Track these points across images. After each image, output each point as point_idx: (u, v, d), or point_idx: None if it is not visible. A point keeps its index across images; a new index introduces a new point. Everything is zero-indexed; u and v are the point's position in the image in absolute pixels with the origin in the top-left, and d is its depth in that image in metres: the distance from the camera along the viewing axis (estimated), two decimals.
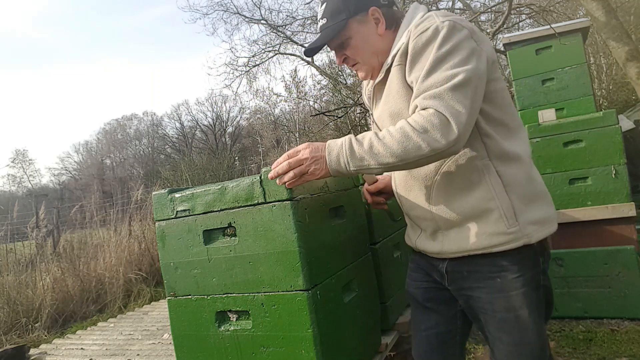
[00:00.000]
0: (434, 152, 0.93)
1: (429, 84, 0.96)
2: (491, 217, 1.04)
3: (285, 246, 1.21)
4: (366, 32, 1.14)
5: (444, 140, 0.91)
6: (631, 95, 8.32)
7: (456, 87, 0.93)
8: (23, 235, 6.01)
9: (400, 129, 0.96)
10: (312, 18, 9.99)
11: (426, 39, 1.00)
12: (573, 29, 3.32)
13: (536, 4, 6.47)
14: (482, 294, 1.08)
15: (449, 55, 0.97)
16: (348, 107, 8.65)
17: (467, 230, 1.08)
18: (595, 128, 2.72)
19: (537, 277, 1.06)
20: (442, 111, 0.92)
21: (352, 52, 1.17)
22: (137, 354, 2.41)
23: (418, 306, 1.29)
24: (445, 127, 0.91)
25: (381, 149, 0.97)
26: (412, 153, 0.94)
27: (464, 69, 0.94)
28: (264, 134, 28.40)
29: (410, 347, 1.96)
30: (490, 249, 1.05)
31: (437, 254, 1.17)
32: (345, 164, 1.01)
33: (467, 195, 1.06)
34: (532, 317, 1.04)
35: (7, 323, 3.87)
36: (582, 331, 2.55)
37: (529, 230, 1.03)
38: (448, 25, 0.99)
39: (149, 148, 36.87)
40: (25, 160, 34.25)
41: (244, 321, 1.30)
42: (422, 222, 1.18)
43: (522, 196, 1.05)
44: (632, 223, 2.70)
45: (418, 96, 0.98)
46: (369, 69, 1.19)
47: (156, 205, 1.43)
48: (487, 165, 1.05)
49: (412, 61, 1.02)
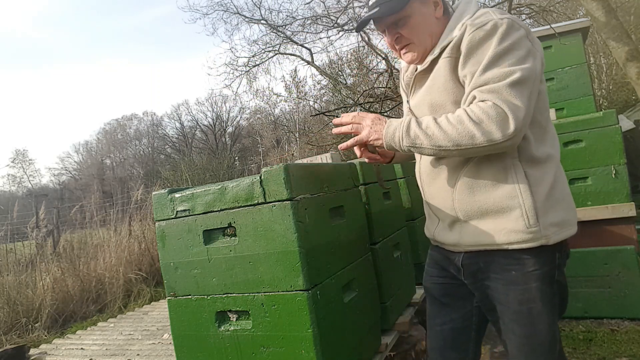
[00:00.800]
0: (490, 144, 0.95)
1: (486, 78, 0.97)
2: (512, 214, 1.05)
3: (285, 246, 1.21)
4: (426, 13, 1.14)
5: (499, 133, 0.93)
6: (631, 95, 8.32)
7: (514, 84, 0.95)
8: (23, 235, 6.01)
9: (458, 116, 0.98)
10: (312, 18, 9.99)
11: (484, 34, 1.00)
12: (573, 29, 3.33)
13: (536, 4, 6.48)
14: (498, 284, 1.10)
15: (507, 52, 0.98)
16: (348, 107, 8.65)
17: (486, 224, 1.08)
18: (595, 128, 2.72)
19: (552, 273, 1.07)
20: (500, 105, 0.94)
21: (408, 32, 1.15)
22: (137, 354, 2.41)
23: (434, 301, 1.30)
24: (502, 120, 0.93)
25: (436, 132, 1.00)
26: (465, 141, 0.96)
27: (522, 68, 0.96)
28: (264, 134, 28.40)
29: (410, 347, 1.96)
30: (507, 246, 1.06)
31: (453, 246, 1.18)
32: (400, 139, 1.05)
33: (491, 190, 1.07)
34: (544, 311, 1.05)
35: (7, 323, 3.88)
36: (582, 331, 2.55)
37: (549, 232, 1.04)
38: (507, 23, 1.00)
39: (149, 148, 36.88)
40: (25, 160, 34.25)
41: (244, 321, 1.30)
42: (442, 211, 1.18)
43: (546, 198, 1.05)
44: (632, 223, 2.70)
45: (475, 88, 0.99)
46: (420, 51, 1.17)
47: (156, 205, 1.43)
48: (516, 165, 1.05)
49: (467, 54, 1.02)
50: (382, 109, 7.32)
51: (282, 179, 1.22)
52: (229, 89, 14.78)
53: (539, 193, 1.05)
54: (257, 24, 10.99)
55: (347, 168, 1.66)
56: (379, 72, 10.44)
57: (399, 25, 1.15)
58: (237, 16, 11.28)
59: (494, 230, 1.07)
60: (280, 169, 1.22)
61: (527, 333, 1.07)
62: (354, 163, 1.79)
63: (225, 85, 13.37)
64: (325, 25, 9.78)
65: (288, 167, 1.23)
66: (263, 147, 27.64)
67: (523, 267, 1.06)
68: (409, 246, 2.19)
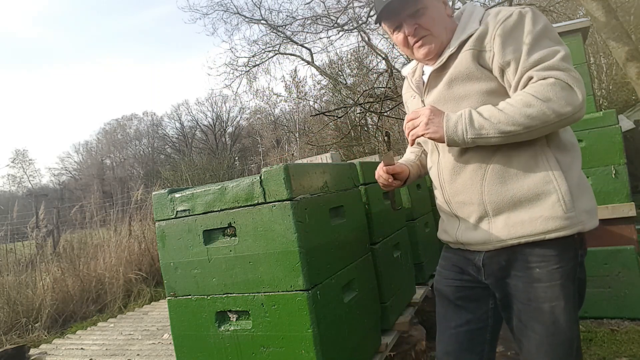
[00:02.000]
0: (561, 118, 0.95)
1: (537, 58, 0.99)
2: (549, 200, 1.03)
3: (285, 246, 1.21)
4: (440, 8, 1.16)
5: (569, 107, 0.94)
6: (631, 95, 8.32)
7: (565, 58, 0.98)
8: (23, 235, 6.01)
9: (521, 99, 0.98)
10: (312, 18, 9.99)
11: (514, 21, 1.03)
12: (573, 29, 3.32)
13: (536, 4, 6.47)
14: (520, 282, 1.08)
15: (544, 33, 1.01)
16: (348, 107, 8.65)
17: (519, 215, 1.06)
18: (595, 128, 2.72)
19: (575, 269, 1.06)
20: (563, 78, 0.95)
21: (427, 22, 1.14)
22: (137, 354, 2.41)
23: (449, 304, 1.27)
24: (569, 93, 0.95)
25: (502, 118, 0.99)
26: (537, 120, 0.96)
27: (562, 47, 1.00)
28: (264, 134, 28.40)
29: (410, 347, 1.96)
30: (543, 235, 1.03)
31: (482, 244, 1.14)
32: (463, 131, 1.03)
33: (524, 177, 1.05)
34: (567, 309, 1.04)
35: (7, 323, 3.87)
36: (582, 331, 2.55)
37: (583, 218, 1.03)
38: (530, 10, 1.04)
39: (149, 148, 36.87)
40: (25, 160, 34.24)
41: (244, 321, 1.30)
42: (467, 208, 1.14)
43: (576, 184, 1.05)
44: (632, 223, 2.70)
45: (528, 70, 1.00)
46: (437, 44, 1.16)
47: (156, 205, 1.43)
48: (546, 151, 1.05)
49: (504, 42, 1.03)
50: (382, 109, 7.32)
51: (282, 179, 1.22)
52: (229, 89, 14.81)
53: (570, 178, 1.04)
54: (257, 24, 11.02)
55: (347, 168, 1.66)
56: (379, 72, 10.45)
57: (418, 15, 1.14)
58: (237, 16, 11.31)
59: (529, 219, 1.04)
60: (280, 169, 1.22)
61: (548, 332, 1.05)
62: (354, 163, 1.79)
63: (225, 85, 13.41)
64: (325, 25, 9.80)
65: (288, 167, 1.23)
66: (263, 147, 27.64)
67: (547, 264, 1.04)
68: (409, 246, 2.19)
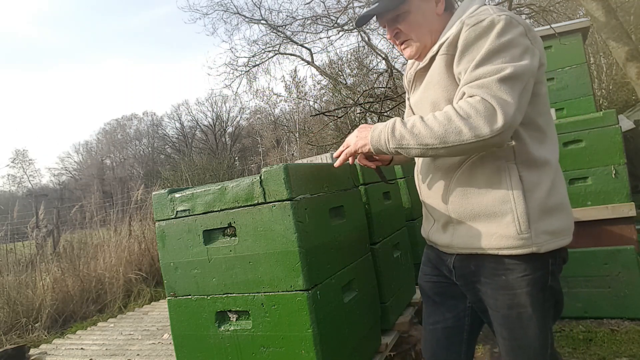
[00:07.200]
0: (477, 139, 0.91)
1: (478, 74, 0.95)
2: (504, 220, 1.03)
3: (285, 246, 1.21)
4: (426, 9, 1.13)
5: (487, 129, 0.90)
6: (631, 95, 8.32)
7: (505, 79, 0.92)
8: (23, 235, 6.01)
9: (445, 112, 0.96)
10: (312, 18, 9.99)
11: (480, 30, 0.98)
12: (573, 29, 3.32)
13: (536, 4, 6.48)
14: (488, 289, 1.09)
15: (502, 49, 0.95)
16: (348, 107, 8.64)
17: (477, 228, 1.07)
18: (595, 128, 2.71)
19: (545, 278, 1.05)
20: (489, 99, 0.91)
21: (406, 27, 1.14)
22: (137, 354, 2.41)
23: (428, 300, 1.30)
24: (490, 115, 0.90)
25: (422, 130, 0.97)
26: (452, 137, 0.93)
27: (516, 65, 0.93)
28: (264, 134, 28.40)
29: (410, 347, 1.96)
30: (497, 251, 1.04)
31: (446, 247, 1.18)
32: (386, 141, 1.04)
33: (484, 193, 1.05)
34: (534, 316, 1.04)
35: (7, 323, 3.87)
36: (582, 331, 2.55)
37: (540, 240, 1.01)
38: (504, 20, 0.97)
39: (149, 148, 36.86)
40: (25, 160, 34.25)
41: (244, 321, 1.30)
42: (437, 212, 1.18)
43: (540, 204, 1.02)
44: (632, 223, 2.70)
45: (465, 85, 0.97)
46: (419, 47, 1.16)
47: (156, 205, 1.43)
48: (511, 168, 1.03)
49: (462, 52, 1.00)
50: (382, 109, 7.32)
51: (282, 179, 1.22)
52: (229, 89, 14.82)
53: (533, 199, 1.02)
54: (257, 24, 11.01)
55: (347, 168, 1.66)
56: (379, 72, 10.45)
57: (398, 20, 1.15)
58: (237, 16, 11.29)
59: (485, 234, 1.05)
60: (280, 169, 1.22)
61: (515, 337, 1.06)
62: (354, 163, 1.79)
63: (225, 85, 13.40)
64: (325, 25, 9.79)
65: (288, 167, 1.23)
66: (263, 147, 27.64)
67: (512, 272, 1.04)
68: (409, 246, 2.19)
